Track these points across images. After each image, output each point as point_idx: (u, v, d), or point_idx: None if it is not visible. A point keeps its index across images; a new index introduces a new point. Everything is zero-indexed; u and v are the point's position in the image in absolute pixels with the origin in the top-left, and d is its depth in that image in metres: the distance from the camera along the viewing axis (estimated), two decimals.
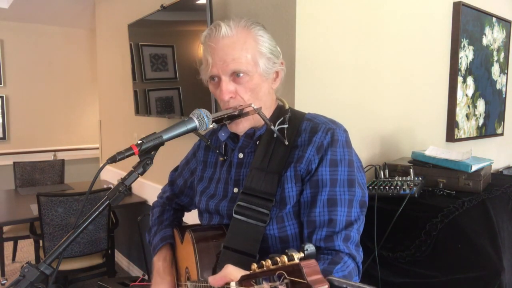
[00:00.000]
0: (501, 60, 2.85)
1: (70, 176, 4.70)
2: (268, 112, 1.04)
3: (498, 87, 2.85)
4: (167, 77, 2.49)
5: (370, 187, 1.65)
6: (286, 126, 1.00)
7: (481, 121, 2.71)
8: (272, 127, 0.98)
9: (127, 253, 3.58)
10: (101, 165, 0.84)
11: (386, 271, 1.53)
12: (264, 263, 0.55)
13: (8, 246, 3.74)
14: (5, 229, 3.23)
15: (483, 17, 2.60)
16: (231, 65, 0.95)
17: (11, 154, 4.89)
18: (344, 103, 1.84)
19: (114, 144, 3.79)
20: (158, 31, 2.56)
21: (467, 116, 2.56)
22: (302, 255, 0.53)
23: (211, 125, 0.93)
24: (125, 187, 0.83)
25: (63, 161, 4.13)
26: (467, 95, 2.53)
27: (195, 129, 0.90)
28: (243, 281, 0.59)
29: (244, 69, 0.95)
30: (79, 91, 5.47)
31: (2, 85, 4.92)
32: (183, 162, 1.30)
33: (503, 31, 2.83)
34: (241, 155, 1.06)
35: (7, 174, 4.51)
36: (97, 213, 0.82)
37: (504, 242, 1.44)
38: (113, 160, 0.79)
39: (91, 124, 5.44)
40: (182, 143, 1.55)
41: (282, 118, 1.01)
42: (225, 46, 0.95)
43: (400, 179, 1.67)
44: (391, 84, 2.07)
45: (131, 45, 2.84)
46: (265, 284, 0.54)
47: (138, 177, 0.85)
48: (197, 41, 2.14)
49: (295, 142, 0.99)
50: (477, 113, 2.65)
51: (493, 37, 2.73)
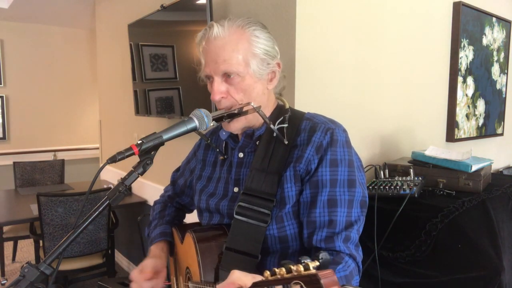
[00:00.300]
0: (501, 60, 2.85)
1: (70, 176, 4.70)
2: (266, 112, 1.03)
3: (498, 87, 2.85)
4: (167, 77, 2.49)
5: (370, 187, 1.65)
6: (286, 125, 1.00)
7: (481, 121, 2.71)
8: (271, 126, 0.98)
9: (127, 253, 3.58)
10: (101, 165, 0.84)
11: (386, 271, 1.53)
12: (277, 270, 0.54)
13: (8, 246, 3.74)
14: (5, 229, 3.23)
15: (483, 17, 2.60)
16: (222, 66, 0.95)
17: (11, 154, 4.88)
18: (344, 103, 1.84)
19: (114, 144, 3.79)
20: (158, 31, 2.55)
21: (467, 116, 2.56)
22: (317, 263, 0.52)
23: (212, 124, 0.93)
24: (125, 187, 0.83)
25: (63, 161, 4.12)
26: (467, 95, 2.53)
27: (195, 129, 0.91)
28: (255, 287, 0.59)
29: (234, 70, 0.95)
30: (79, 91, 5.47)
31: (2, 85, 4.91)
32: (184, 162, 1.30)
33: (503, 31, 2.83)
34: (241, 155, 1.06)
35: (7, 174, 4.51)
36: (97, 213, 0.83)
37: (504, 242, 1.44)
38: (113, 160, 0.80)
39: (91, 124, 5.44)
40: (182, 143, 1.55)
41: (282, 117, 1.01)
42: (216, 47, 0.95)
43: (400, 179, 1.67)
44: (391, 84, 2.07)
45: (131, 45, 2.84)
46: None
47: (138, 177, 0.85)
48: None
49: (295, 141, 0.99)
50: (477, 113, 2.65)
51: (493, 37, 2.73)
